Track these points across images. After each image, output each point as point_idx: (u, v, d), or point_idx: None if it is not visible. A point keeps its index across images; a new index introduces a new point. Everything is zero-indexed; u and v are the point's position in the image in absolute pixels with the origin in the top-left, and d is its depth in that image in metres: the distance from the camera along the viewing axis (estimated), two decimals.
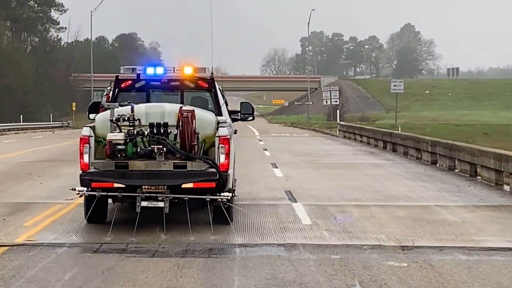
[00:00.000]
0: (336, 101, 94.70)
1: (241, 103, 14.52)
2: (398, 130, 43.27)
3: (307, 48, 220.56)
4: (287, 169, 22.12)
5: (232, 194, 11.46)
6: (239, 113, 14.14)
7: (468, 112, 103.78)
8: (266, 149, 31.88)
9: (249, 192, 16.18)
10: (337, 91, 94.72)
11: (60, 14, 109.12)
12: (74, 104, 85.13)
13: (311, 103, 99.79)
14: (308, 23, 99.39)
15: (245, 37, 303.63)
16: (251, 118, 14.21)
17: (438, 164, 23.39)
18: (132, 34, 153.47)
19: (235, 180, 12.73)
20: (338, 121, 50.71)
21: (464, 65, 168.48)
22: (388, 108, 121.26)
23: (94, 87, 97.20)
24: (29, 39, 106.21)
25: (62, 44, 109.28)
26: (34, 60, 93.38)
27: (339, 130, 48.47)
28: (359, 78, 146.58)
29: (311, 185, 17.81)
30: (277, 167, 22.58)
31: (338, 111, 55.28)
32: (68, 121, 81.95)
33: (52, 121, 79.01)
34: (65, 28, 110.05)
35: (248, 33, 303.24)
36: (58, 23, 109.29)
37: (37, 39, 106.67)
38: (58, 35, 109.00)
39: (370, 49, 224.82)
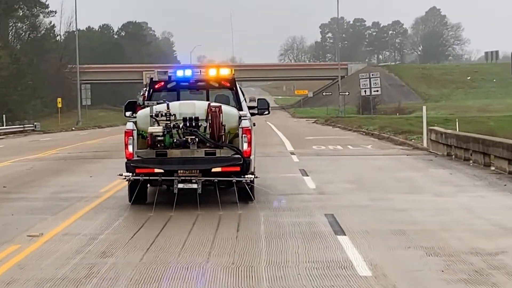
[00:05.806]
0: (377, 90, 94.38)
1: (258, 99, 19.63)
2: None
3: (327, 35, 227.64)
4: None
5: (254, 176, 15.99)
6: (256, 108, 18.90)
7: None
8: (340, 229, 13.71)
9: None
10: (378, 78, 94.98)
11: None
12: (59, 100, 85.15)
13: (347, 93, 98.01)
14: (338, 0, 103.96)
15: (261, 26, 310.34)
16: (266, 112, 19.09)
17: None
18: (141, 23, 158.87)
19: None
20: (424, 123, 34.91)
21: (489, 49, 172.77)
22: (425, 97, 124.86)
23: (91, 80, 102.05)
24: (14, 25, 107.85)
25: (55, 31, 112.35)
26: (19, 50, 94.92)
27: (431, 140, 32.97)
28: (391, 64, 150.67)
29: None
30: None
31: (424, 107, 36.78)
32: (35, 123, 74.32)
33: (6, 125, 70.38)
34: (55, 12, 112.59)
35: (264, 21, 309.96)
36: (47, 6, 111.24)
37: (24, 26, 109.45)
38: (51, 22, 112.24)
39: (393, 35, 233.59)
